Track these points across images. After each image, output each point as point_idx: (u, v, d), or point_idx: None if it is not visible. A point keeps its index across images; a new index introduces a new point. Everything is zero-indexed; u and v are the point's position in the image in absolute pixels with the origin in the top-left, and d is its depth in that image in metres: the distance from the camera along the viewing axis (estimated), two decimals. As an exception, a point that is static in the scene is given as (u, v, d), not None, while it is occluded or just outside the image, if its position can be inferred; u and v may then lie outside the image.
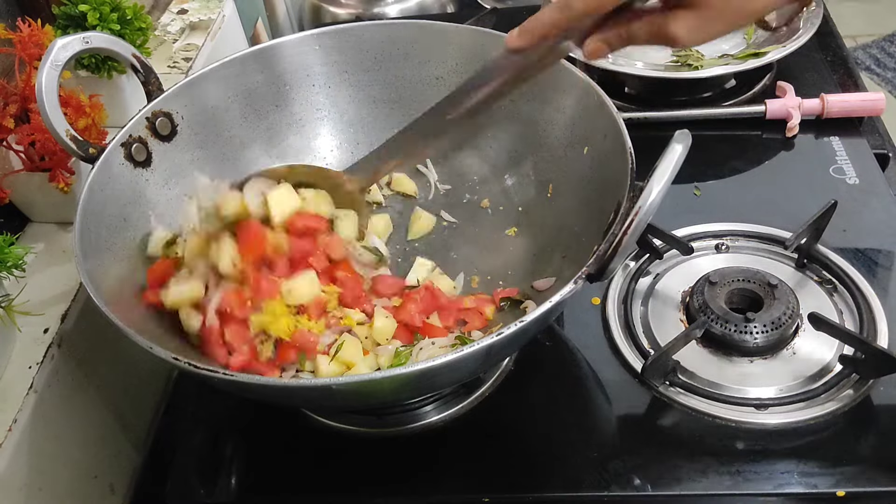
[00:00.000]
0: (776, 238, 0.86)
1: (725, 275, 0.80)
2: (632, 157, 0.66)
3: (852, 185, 0.93)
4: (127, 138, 0.76)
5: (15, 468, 0.67)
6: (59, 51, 0.70)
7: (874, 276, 0.81)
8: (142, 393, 0.89)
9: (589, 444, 0.72)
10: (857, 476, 0.67)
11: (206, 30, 1.11)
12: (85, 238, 0.67)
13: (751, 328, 0.75)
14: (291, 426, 0.77)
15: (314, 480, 0.73)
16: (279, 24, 1.49)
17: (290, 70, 0.87)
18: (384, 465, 0.73)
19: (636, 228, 0.57)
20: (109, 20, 0.87)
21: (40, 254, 0.83)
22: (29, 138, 0.78)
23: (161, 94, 0.79)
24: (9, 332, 0.72)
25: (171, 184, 0.80)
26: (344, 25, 0.87)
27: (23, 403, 0.69)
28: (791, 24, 1.08)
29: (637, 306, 0.83)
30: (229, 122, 0.85)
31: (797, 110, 1.00)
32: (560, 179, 0.80)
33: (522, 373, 0.78)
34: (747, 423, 0.71)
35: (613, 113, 0.71)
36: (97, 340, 0.79)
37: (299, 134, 0.90)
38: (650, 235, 0.84)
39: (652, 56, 1.09)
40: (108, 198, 0.73)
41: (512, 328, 0.56)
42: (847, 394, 0.73)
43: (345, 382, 0.57)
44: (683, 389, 0.74)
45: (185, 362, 0.57)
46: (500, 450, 0.73)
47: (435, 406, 0.75)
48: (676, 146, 0.56)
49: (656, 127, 1.03)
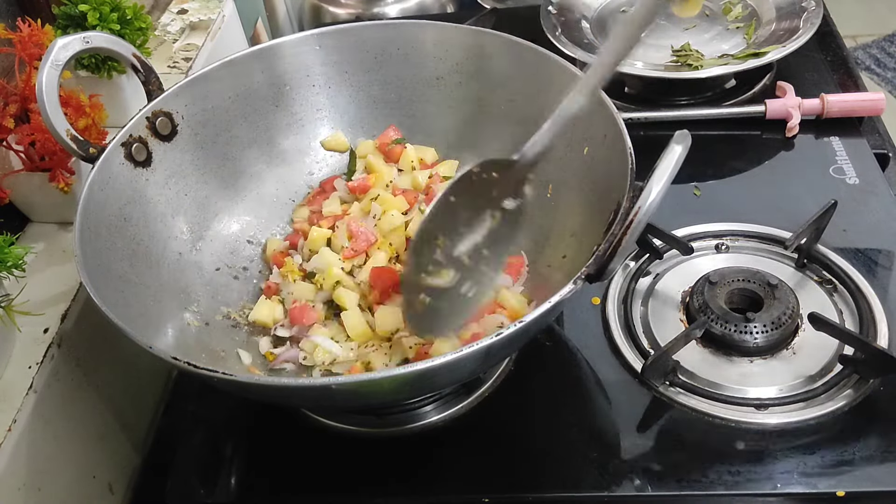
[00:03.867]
0: (776, 238, 0.86)
1: (725, 275, 0.80)
2: (632, 157, 0.66)
3: (852, 185, 0.93)
4: (127, 138, 0.76)
5: (14, 468, 0.67)
6: (59, 51, 0.70)
7: (874, 276, 0.81)
8: (142, 393, 0.89)
9: (589, 444, 0.72)
10: (857, 476, 0.67)
11: (206, 30, 1.11)
12: (85, 238, 0.67)
13: (751, 328, 0.75)
14: (291, 426, 0.77)
15: (314, 480, 0.73)
16: (279, 24, 1.49)
17: (290, 70, 0.87)
18: (384, 465, 0.73)
19: (636, 228, 0.57)
20: (109, 20, 0.87)
21: (40, 254, 0.83)
22: (29, 138, 0.78)
23: (161, 94, 0.79)
24: (9, 332, 0.72)
25: (172, 184, 0.80)
26: (344, 25, 0.87)
27: (22, 403, 0.69)
28: (791, 24, 1.08)
29: (637, 306, 0.83)
30: (229, 122, 0.85)
31: (797, 110, 1.00)
32: (560, 179, 0.80)
33: (522, 373, 0.78)
34: (747, 423, 0.71)
35: (613, 113, 0.71)
36: (97, 340, 0.79)
37: (299, 134, 0.90)
38: (650, 235, 0.84)
39: (652, 56, 1.10)
40: (108, 198, 0.73)
41: (511, 328, 0.56)
42: (847, 394, 0.73)
43: (344, 382, 0.57)
44: (683, 389, 0.74)
45: (184, 362, 0.57)
46: (499, 450, 0.73)
47: (435, 406, 0.75)
48: (676, 146, 0.56)
49: (656, 127, 1.03)
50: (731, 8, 1.16)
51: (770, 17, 1.12)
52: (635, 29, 0.63)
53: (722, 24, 1.15)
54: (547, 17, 1.14)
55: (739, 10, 1.16)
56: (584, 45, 1.10)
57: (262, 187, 0.88)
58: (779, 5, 1.13)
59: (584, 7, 1.20)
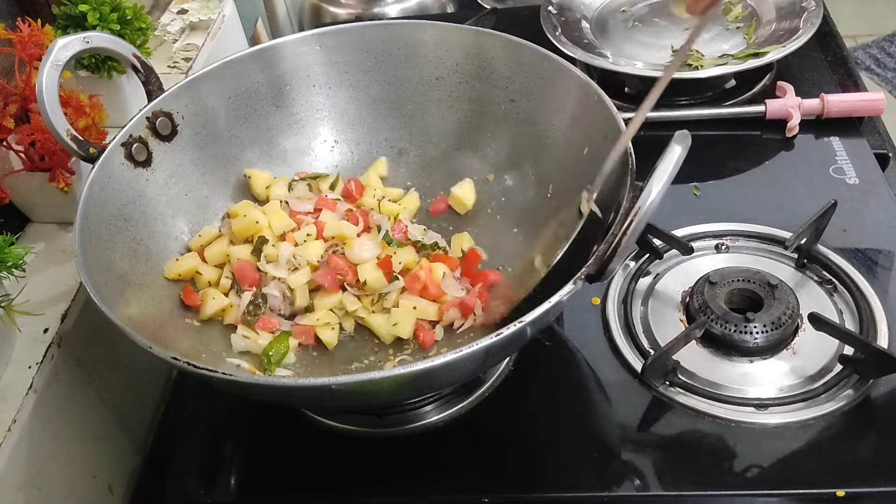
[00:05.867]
0: (776, 238, 0.86)
1: (725, 275, 0.80)
2: (632, 157, 0.66)
3: (852, 185, 0.93)
4: (127, 138, 0.76)
5: (14, 468, 0.67)
6: (59, 51, 0.70)
7: (874, 276, 0.81)
8: (142, 393, 0.89)
9: (589, 445, 0.72)
10: (857, 476, 0.67)
11: (206, 30, 1.11)
12: (85, 238, 0.67)
13: (751, 328, 0.75)
14: (291, 426, 0.77)
15: (314, 480, 0.73)
16: (279, 24, 1.49)
17: (290, 70, 0.87)
18: (384, 465, 0.73)
19: (636, 228, 0.57)
20: (109, 20, 0.87)
21: (40, 254, 0.83)
22: (29, 138, 0.78)
23: (161, 94, 0.79)
24: (9, 332, 0.72)
25: (172, 184, 0.80)
26: (344, 25, 0.87)
27: (22, 403, 0.69)
28: (791, 24, 1.08)
29: (637, 306, 0.83)
30: (229, 122, 0.85)
31: (797, 110, 1.00)
32: (560, 179, 0.80)
33: (522, 373, 0.78)
34: (747, 423, 0.71)
35: (613, 113, 0.71)
36: (97, 340, 0.79)
37: (299, 134, 0.90)
38: (650, 235, 0.84)
39: (652, 56, 1.10)
40: (108, 198, 0.73)
41: (511, 328, 0.56)
42: (847, 394, 0.73)
43: (344, 382, 0.57)
44: (683, 389, 0.74)
45: (184, 362, 0.57)
46: (500, 450, 0.73)
47: (435, 406, 0.75)
48: (676, 147, 0.56)
49: (656, 127, 1.03)
50: (731, 8, 1.16)
51: (770, 17, 1.12)
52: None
53: (722, 24, 1.14)
54: (547, 17, 1.14)
55: (739, 10, 1.16)
56: (584, 45, 1.10)
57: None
58: (779, 5, 1.13)
59: (584, 7, 1.20)
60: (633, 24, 1.17)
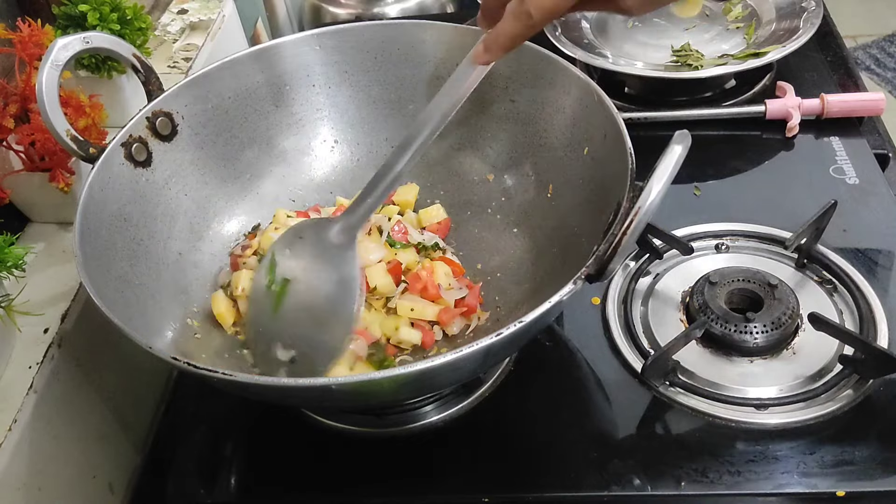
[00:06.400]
0: (776, 238, 0.86)
1: (725, 275, 0.80)
2: (632, 157, 0.66)
3: (852, 185, 0.93)
4: (127, 138, 0.76)
5: (14, 468, 0.67)
6: (59, 51, 0.70)
7: (874, 276, 0.81)
8: (142, 393, 0.89)
9: (589, 444, 0.72)
10: (857, 476, 0.67)
11: (206, 30, 1.11)
12: (85, 238, 0.67)
13: (751, 328, 0.75)
14: (291, 426, 0.77)
15: (314, 480, 0.73)
16: (279, 24, 1.49)
17: (290, 70, 0.87)
18: (384, 465, 0.73)
19: (636, 228, 0.57)
20: (109, 20, 0.87)
21: (40, 254, 0.83)
22: (29, 138, 0.78)
23: (161, 94, 0.79)
24: (9, 332, 0.72)
25: (172, 184, 0.80)
26: (344, 25, 0.87)
27: (23, 403, 0.69)
28: (791, 24, 1.08)
29: (637, 306, 0.83)
30: (229, 122, 0.85)
31: (797, 110, 1.00)
32: (560, 179, 0.80)
33: (522, 373, 0.78)
34: (747, 423, 0.71)
35: (613, 113, 0.71)
36: (97, 340, 0.79)
37: (299, 134, 0.90)
38: (650, 235, 0.84)
39: (652, 56, 1.10)
40: (108, 198, 0.73)
41: (511, 328, 0.56)
42: (847, 394, 0.73)
43: (345, 382, 0.57)
44: (683, 389, 0.74)
45: (184, 362, 0.57)
46: (500, 450, 0.73)
47: (435, 406, 0.75)
48: (676, 147, 0.56)
49: (656, 127, 1.03)
50: (731, 8, 1.16)
51: (770, 17, 1.12)
52: None
53: (722, 24, 1.15)
54: (547, 17, 1.14)
55: (739, 11, 1.16)
56: (584, 45, 1.10)
57: (262, 187, 0.88)
58: (779, 5, 1.13)
59: (584, 7, 1.20)
60: (633, 24, 1.17)
